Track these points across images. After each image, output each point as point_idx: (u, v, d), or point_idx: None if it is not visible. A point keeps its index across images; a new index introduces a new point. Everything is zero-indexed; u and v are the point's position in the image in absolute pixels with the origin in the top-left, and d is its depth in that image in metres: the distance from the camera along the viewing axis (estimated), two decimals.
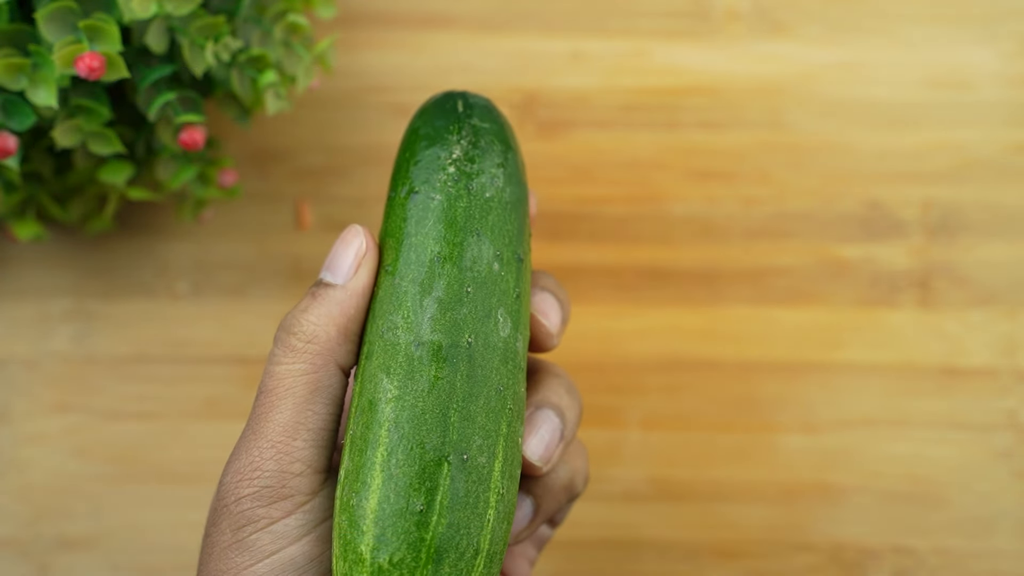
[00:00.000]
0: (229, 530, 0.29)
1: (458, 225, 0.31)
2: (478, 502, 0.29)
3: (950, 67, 0.48)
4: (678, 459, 0.47)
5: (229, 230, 0.48)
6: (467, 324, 0.30)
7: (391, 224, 0.32)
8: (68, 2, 0.35)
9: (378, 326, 0.30)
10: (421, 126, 0.34)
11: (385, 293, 0.31)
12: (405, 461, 0.28)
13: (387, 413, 0.29)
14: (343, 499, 0.29)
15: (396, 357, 0.30)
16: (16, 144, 0.36)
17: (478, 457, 0.29)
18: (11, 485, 0.47)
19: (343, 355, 0.31)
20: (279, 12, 0.41)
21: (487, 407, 0.30)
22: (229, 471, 0.30)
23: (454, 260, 0.31)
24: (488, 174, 0.33)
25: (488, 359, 0.30)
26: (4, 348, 0.48)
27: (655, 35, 0.49)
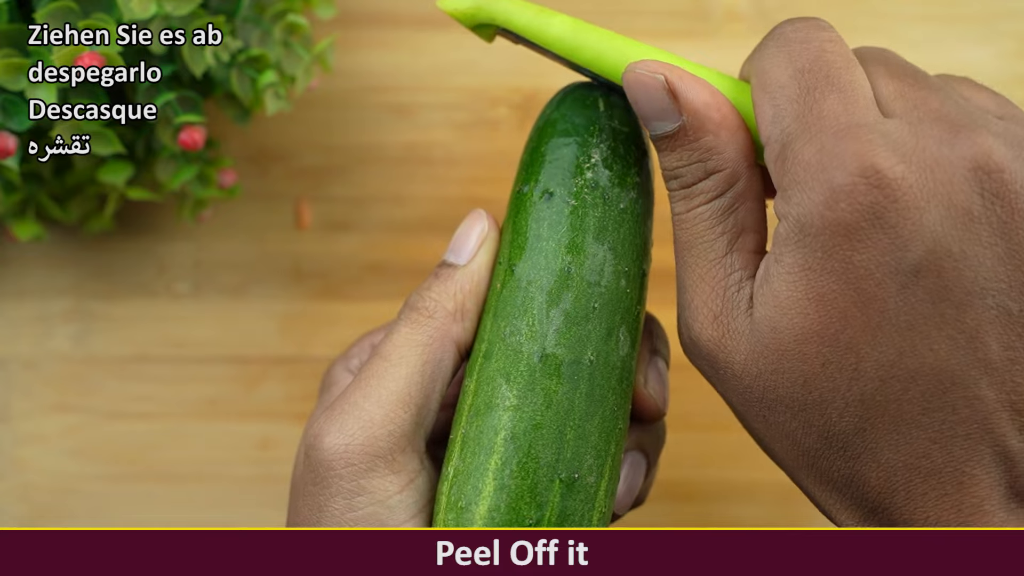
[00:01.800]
0: (341, 497, 0.29)
1: (591, 237, 0.31)
2: (583, 520, 0.29)
3: (950, 67, 0.48)
4: (678, 459, 0.47)
5: (229, 230, 0.48)
6: (591, 341, 0.30)
7: (520, 221, 0.32)
8: (68, 2, 0.35)
9: (500, 327, 0.30)
10: (559, 120, 0.33)
11: (510, 293, 0.31)
12: (519, 474, 0.29)
13: (504, 421, 0.29)
14: (451, 497, 0.29)
15: (518, 365, 0.30)
16: (16, 144, 0.37)
17: (588, 477, 0.29)
18: (11, 485, 0.47)
19: (458, 332, 0.31)
20: (279, 12, 0.41)
21: (601, 427, 0.30)
22: (334, 430, 0.30)
23: (584, 274, 0.31)
24: (624, 184, 0.32)
25: (607, 379, 0.30)
26: (4, 348, 0.48)
27: (655, 35, 0.49)
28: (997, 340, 0.25)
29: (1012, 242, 0.24)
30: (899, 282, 0.25)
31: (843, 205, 0.25)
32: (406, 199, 0.48)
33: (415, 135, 0.48)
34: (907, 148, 0.25)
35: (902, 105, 0.26)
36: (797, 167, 0.25)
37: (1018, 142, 0.25)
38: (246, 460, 0.47)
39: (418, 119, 0.49)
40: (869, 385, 0.25)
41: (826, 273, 0.25)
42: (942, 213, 0.24)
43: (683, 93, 0.28)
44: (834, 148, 0.25)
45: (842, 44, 0.27)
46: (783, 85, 0.27)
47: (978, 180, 0.24)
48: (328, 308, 0.48)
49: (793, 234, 0.26)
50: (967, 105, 0.26)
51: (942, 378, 0.25)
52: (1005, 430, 0.25)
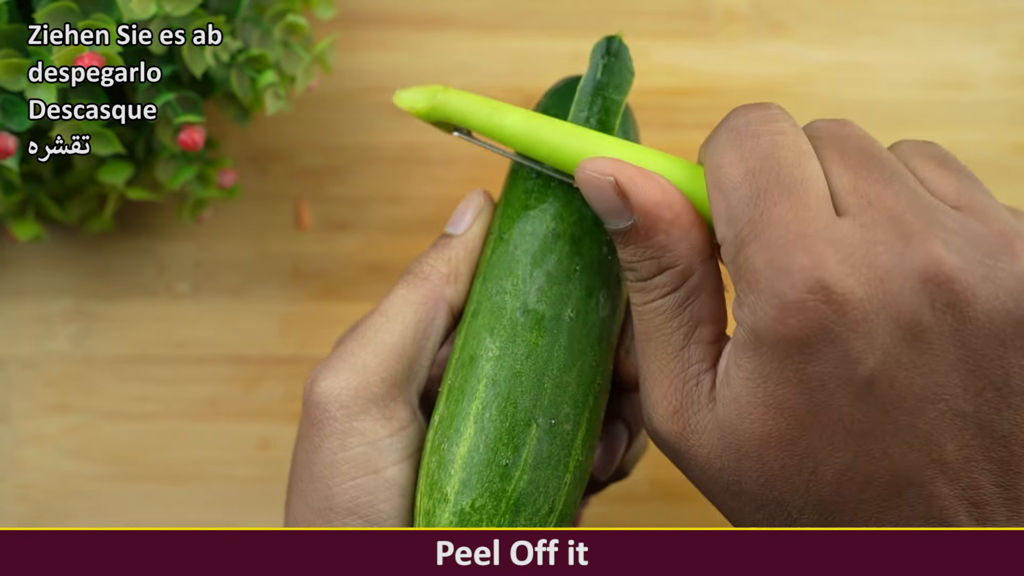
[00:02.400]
0: (335, 437, 0.31)
1: (576, 208, 0.33)
2: (559, 465, 0.31)
3: (950, 67, 0.48)
4: None
5: (229, 230, 0.48)
6: (571, 300, 0.32)
7: (511, 194, 0.34)
8: (68, 2, 0.35)
9: (488, 288, 0.32)
10: (551, 107, 0.36)
11: (498, 258, 0.33)
12: (498, 416, 0.30)
13: (486, 370, 0.31)
14: (434, 442, 0.31)
15: (501, 320, 0.32)
16: (16, 144, 0.37)
17: (564, 424, 0.31)
18: (10, 485, 0.47)
19: (451, 293, 0.33)
20: (278, 12, 0.41)
21: (579, 379, 0.31)
22: (330, 374, 0.31)
23: (567, 239, 0.32)
24: None
25: (586, 335, 0.32)
26: (4, 348, 0.48)
27: (655, 35, 0.49)
28: (952, 441, 0.25)
29: (965, 349, 0.25)
30: (852, 392, 0.25)
31: (792, 321, 0.25)
32: (405, 199, 0.48)
33: (414, 135, 0.48)
34: (857, 258, 0.25)
35: (855, 202, 0.26)
36: (750, 275, 0.26)
37: (971, 244, 0.25)
38: (246, 460, 0.47)
39: (418, 119, 0.49)
40: (826, 488, 0.26)
41: (782, 382, 0.26)
42: (892, 326, 0.25)
43: (633, 194, 0.28)
44: (783, 261, 0.25)
45: (794, 135, 0.27)
46: (736, 186, 0.27)
47: (928, 291, 0.25)
48: (328, 308, 0.48)
49: (749, 342, 0.26)
50: (923, 199, 0.26)
51: (898, 479, 0.26)
52: (963, 521, 0.26)
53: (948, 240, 0.25)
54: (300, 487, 0.32)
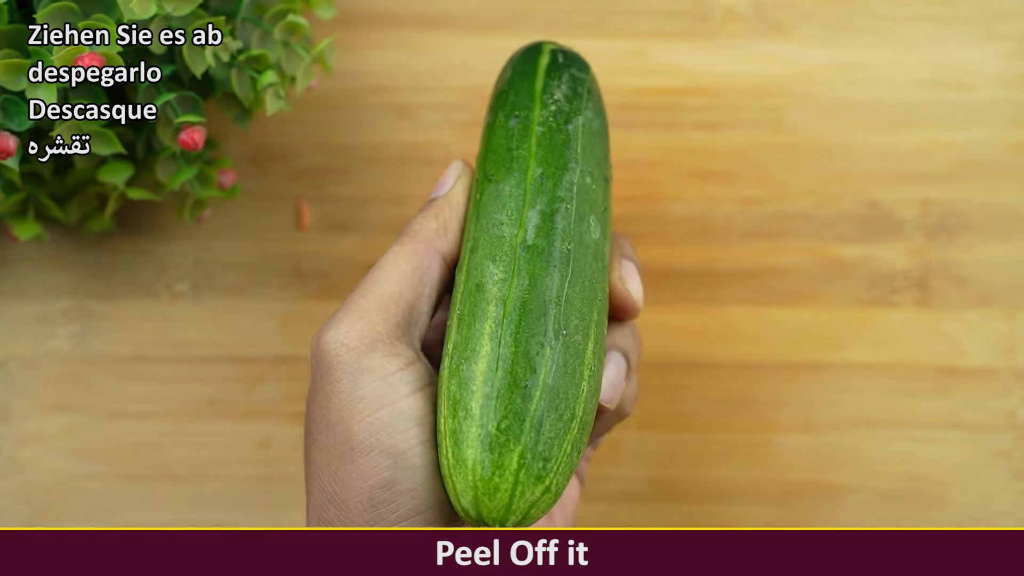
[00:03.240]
0: (346, 378, 0.32)
1: (557, 149, 0.35)
2: (575, 373, 0.32)
3: (950, 67, 0.48)
4: (677, 459, 0.47)
5: (229, 230, 0.48)
6: (567, 231, 0.33)
7: (493, 142, 0.36)
8: (68, 2, 0.35)
9: (483, 224, 0.34)
10: (519, 66, 0.38)
11: (489, 197, 0.34)
12: (511, 337, 0.31)
13: (494, 292, 0.32)
14: (451, 367, 0.32)
15: (502, 247, 0.33)
16: (16, 144, 0.37)
17: (575, 335, 0.32)
18: (11, 485, 0.47)
19: (442, 243, 0.35)
20: (279, 12, 0.41)
21: (582, 295, 0.33)
22: (333, 325, 0.32)
23: (554, 178, 0.34)
24: (580, 109, 0.37)
25: (583, 255, 0.33)
26: (4, 348, 0.48)
27: (655, 35, 0.49)
28: None
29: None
30: None
31: None
32: (406, 199, 0.48)
33: (415, 135, 0.49)
34: None
35: None
36: None
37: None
38: (246, 460, 0.47)
39: (418, 119, 0.49)
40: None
41: None
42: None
43: None
44: None
45: None
46: None
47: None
48: (328, 308, 0.48)
49: None
50: None
51: None
52: None
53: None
54: (319, 440, 0.32)
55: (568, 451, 0.31)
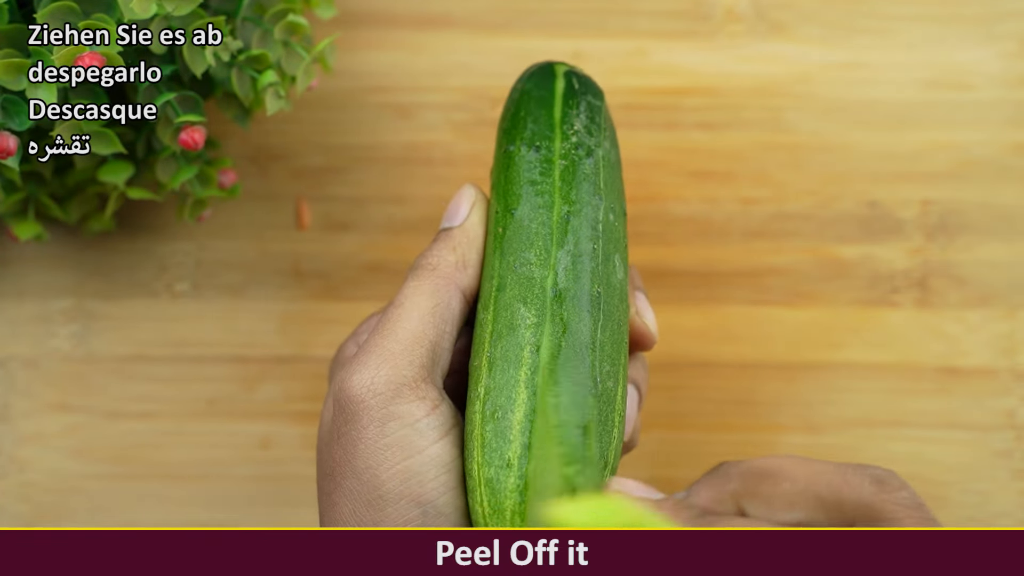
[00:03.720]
0: (373, 426, 0.31)
1: (581, 184, 0.35)
2: (607, 421, 0.32)
3: (950, 67, 0.49)
4: (677, 459, 0.47)
5: (229, 230, 0.48)
6: (596, 273, 0.33)
7: (512, 173, 0.35)
8: (68, 2, 0.35)
9: (510, 262, 0.33)
10: (534, 89, 0.37)
11: (513, 233, 0.34)
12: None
13: (527, 337, 0.32)
14: (486, 412, 0.31)
15: (532, 289, 0.32)
16: (16, 144, 0.37)
17: (607, 381, 0.32)
18: (11, 485, 0.47)
19: (462, 279, 0.34)
20: (279, 12, 0.41)
21: (612, 339, 0.33)
22: (359, 369, 0.32)
23: (579, 216, 0.34)
24: (600, 140, 0.36)
25: (611, 297, 0.33)
26: (4, 348, 0.48)
27: (655, 35, 0.49)
28: None
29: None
30: None
31: None
32: (406, 199, 0.48)
33: (415, 135, 0.49)
34: None
35: None
36: None
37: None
38: (246, 460, 0.47)
39: (418, 119, 0.49)
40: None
41: None
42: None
43: None
44: None
45: None
46: None
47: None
48: (328, 308, 0.48)
49: None
50: None
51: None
52: None
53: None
54: (344, 485, 0.32)
55: (601, 478, 0.31)
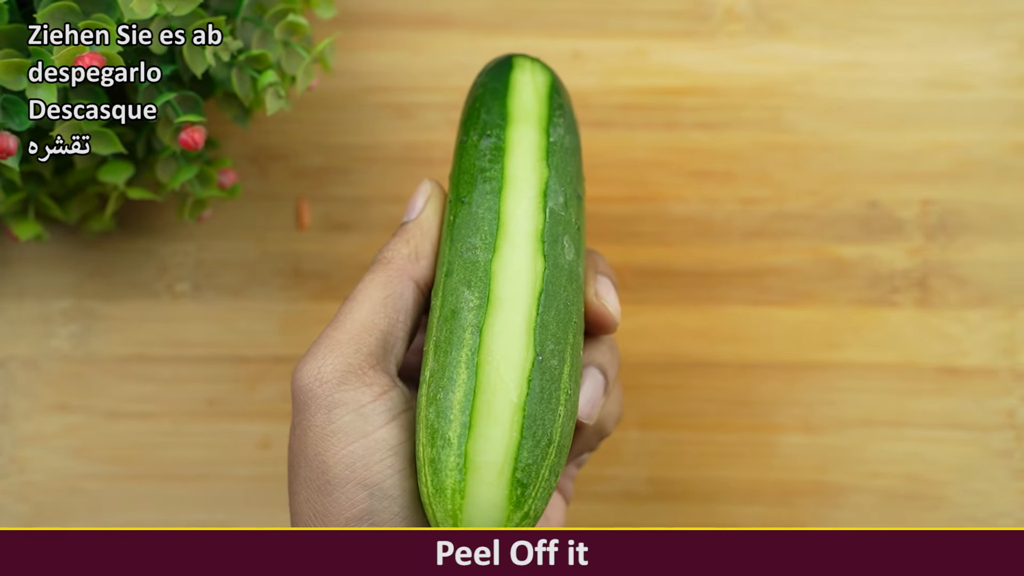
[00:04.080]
0: (321, 412, 0.32)
1: (530, 168, 0.35)
2: (551, 398, 0.32)
3: (950, 67, 0.49)
4: (677, 459, 0.47)
5: (229, 230, 0.48)
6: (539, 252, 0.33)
7: (465, 162, 0.36)
8: (68, 2, 0.35)
9: (457, 248, 0.34)
10: (489, 82, 0.38)
11: (462, 220, 0.34)
12: None
13: (469, 319, 0.32)
14: (429, 395, 0.32)
15: (476, 272, 0.33)
16: (16, 144, 0.37)
17: (550, 360, 0.32)
18: (11, 485, 0.47)
19: (415, 270, 0.35)
20: (279, 12, 0.41)
21: (557, 318, 0.33)
22: (309, 360, 0.33)
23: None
24: (552, 125, 0.37)
25: (558, 277, 0.33)
26: (4, 348, 0.48)
27: (655, 35, 0.49)
28: None
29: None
30: None
31: None
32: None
33: (415, 135, 0.49)
34: None
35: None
36: None
37: None
38: (246, 460, 0.47)
39: (418, 119, 0.49)
40: None
41: None
42: None
43: None
44: None
45: None
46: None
47: None
48: (328, 308, 0.48)
49: None
50: None
51: None
52: None
53: None
54: (299, 473, 0.33)
55: (546, 476, 0.31)
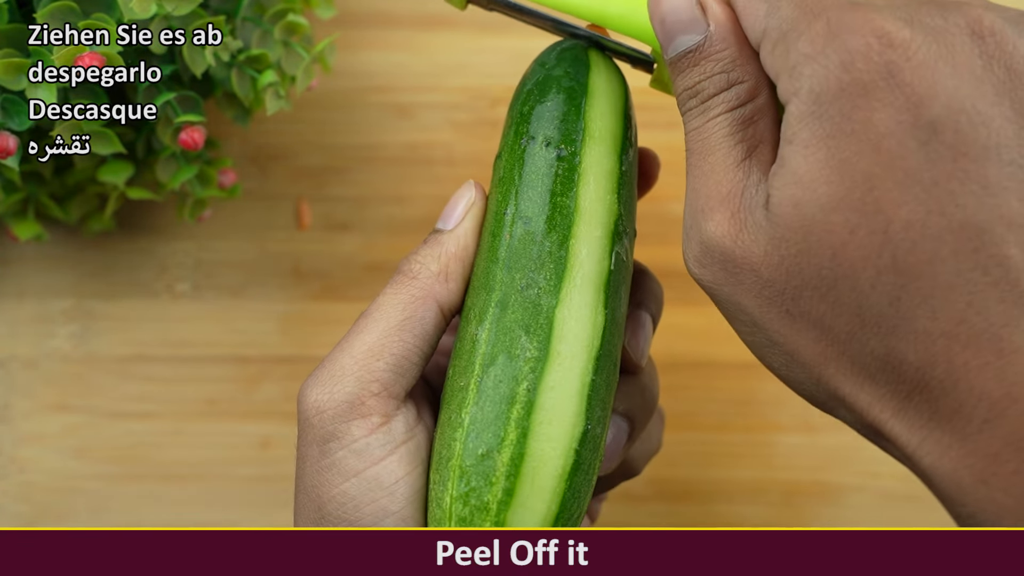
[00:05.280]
0: (315, 445, 0.31)
1: (610, 194, 0.32)
2: (590, 468, 0.30)
3: None
4: (677, 459, 0.47)
5: (229, 230, 0.48)
6: (601, 316, 0.31)
7: (531, 174, 0.31)
8: (68, 2, 0.35)
9: (515, 278, 0.30)
10: (563, 78, 0.33)
11: (523, 246, 0.30)
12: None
13: (525, 372, 0.29)
14: (468, 444, 0.29)
15: (538, 319, 0.30)
16: (16, 144, 0.37)
17: (596, 428, 0.30)
18: (11, 485, 0.47)
19: (442, 292, 0.32)
20: (279, 12, 0.41)
21: (606, 381, 0.31)
22: (312, 385, 0.31)
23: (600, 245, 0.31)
24: (626, 146, 0.33)
25: (613, 334, 0.31)
26: (4, 348, 0.48)
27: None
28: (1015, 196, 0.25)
29: (1015, 101, 0.25)
30: (919, 139, 0.25)
31: (860, 65, 0.25)
32: (406, 199, 0.48)
33: (415, 135, 0.49)
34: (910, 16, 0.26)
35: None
36: (806, 43, 0.26)
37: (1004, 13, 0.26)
38: (246, 460, 0.47)
39: (418, 119, 0.49)
40: (900, 247, 0.25)
41: (846, 137, 0.25)
42: (951, 72, 0.25)
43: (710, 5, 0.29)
44: (843, 18, 0.26)
45: None
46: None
47: (976, 43, 0.25)
48: (328, 308, 0.48)
49: (807, 107, 0.26)
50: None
51: (971, 235, 0.25)
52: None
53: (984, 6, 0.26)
54: (299, 497, 0.32)
55: (576, 520, 0.31)
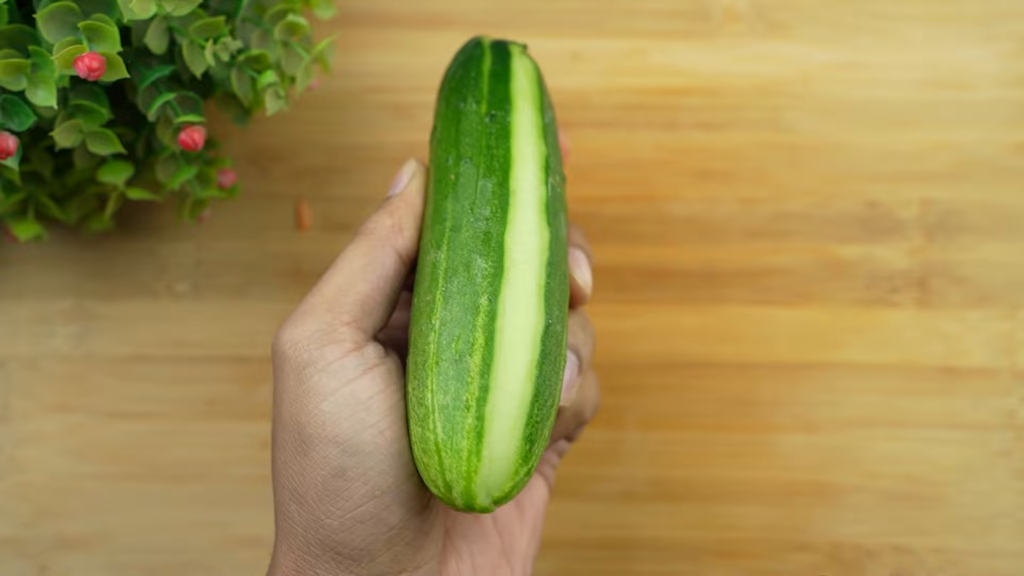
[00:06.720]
0: (293, 374, 0.32)
1: (532, 143, 0.36)
2: (556, 360, 0.33)
3: (950, 67, 0.48)
4: (677, 459, 0.47)
5: (229, 230, 0.48)
6: (547, 228, 0.35)
7: (467, 128, 0.36)
8: (68, 2, 0.35)
9: (464, 207, 0.34)
10: (490, 65, 0.39)
11: (467, 180, 0.35)
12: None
13: (484, 285, 0.32)
14: (441, 343, 0.32)
15: (489, 243, 0.33)
16: (16, 144, 0.36)
17: (556, 325, 0.33)
18: (11, 485, 0.47)
19: (398, 240, 0.35)
20: (278, 12, 0.41)
21: (559, 286, 0.34)
22: (285, 326, 0.33)
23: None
24: (548, 106, 0.38)
25: (558, 248, 0.34)
26: (4, 348, 0.48)
27: (654, 35, 0.49)
28: None
29: None
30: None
31: None
32: None
33: (415, 135, 0.49)
34: None
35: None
36: None
37: None
38: (246, 460, 0.47)
39: (418, 119, 0.49)
40: None
41: None
42: None
43: None
44: None
45: None
46: None
47: None
48: None
49: None
50: None
51: None
52: None
53: None
54: (277, 439, 0.33)
55: (545, 435, 0.32)
